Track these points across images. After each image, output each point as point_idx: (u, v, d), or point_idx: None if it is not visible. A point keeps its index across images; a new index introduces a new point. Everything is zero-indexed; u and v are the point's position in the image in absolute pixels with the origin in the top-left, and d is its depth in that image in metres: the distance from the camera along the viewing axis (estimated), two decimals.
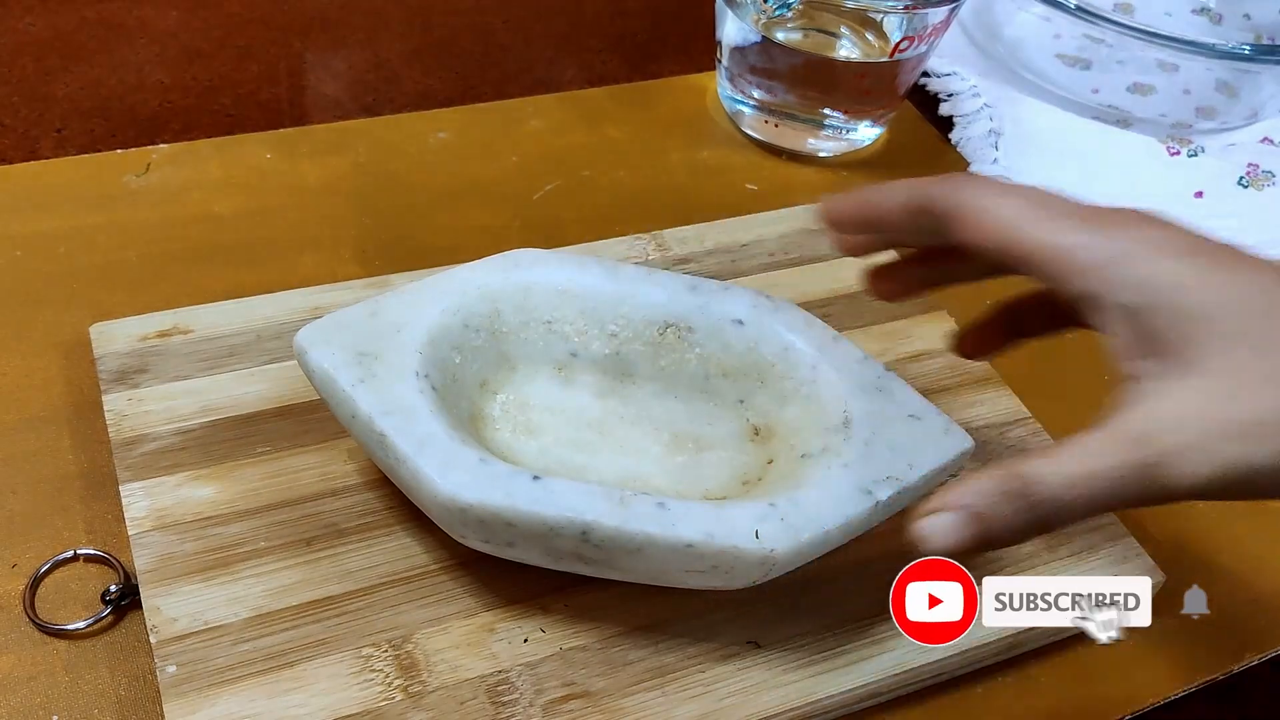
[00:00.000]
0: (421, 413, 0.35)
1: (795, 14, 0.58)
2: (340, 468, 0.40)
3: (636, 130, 0.60)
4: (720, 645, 0.37)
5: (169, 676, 0.34)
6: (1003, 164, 0.60)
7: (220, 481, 0.39)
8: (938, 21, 0.56)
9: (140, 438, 0.40)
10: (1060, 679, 0.39)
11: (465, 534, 0.35)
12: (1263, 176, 0.62)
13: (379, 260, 0.50)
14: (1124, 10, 0.70)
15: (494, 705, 0.35)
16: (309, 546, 0.38)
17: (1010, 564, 0.41)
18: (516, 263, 0.41)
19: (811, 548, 0.35)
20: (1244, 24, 0.71)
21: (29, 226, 0.49)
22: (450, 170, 0.56)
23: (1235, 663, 0.41)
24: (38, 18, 0.62)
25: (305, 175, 0.54)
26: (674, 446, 0.40)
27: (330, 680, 0.35)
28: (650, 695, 0.36)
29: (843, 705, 0.37)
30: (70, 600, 0.37)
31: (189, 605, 0.36)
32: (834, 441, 0.37)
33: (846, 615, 0.38)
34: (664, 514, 0.34)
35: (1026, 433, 0.45)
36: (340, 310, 0.39)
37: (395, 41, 0.65)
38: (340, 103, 0.60)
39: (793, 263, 0.51)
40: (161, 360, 0.42)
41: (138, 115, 0.57)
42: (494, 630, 0.37)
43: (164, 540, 0.37)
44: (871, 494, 0.36)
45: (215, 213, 0.52)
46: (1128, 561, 0.41)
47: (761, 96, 0.59)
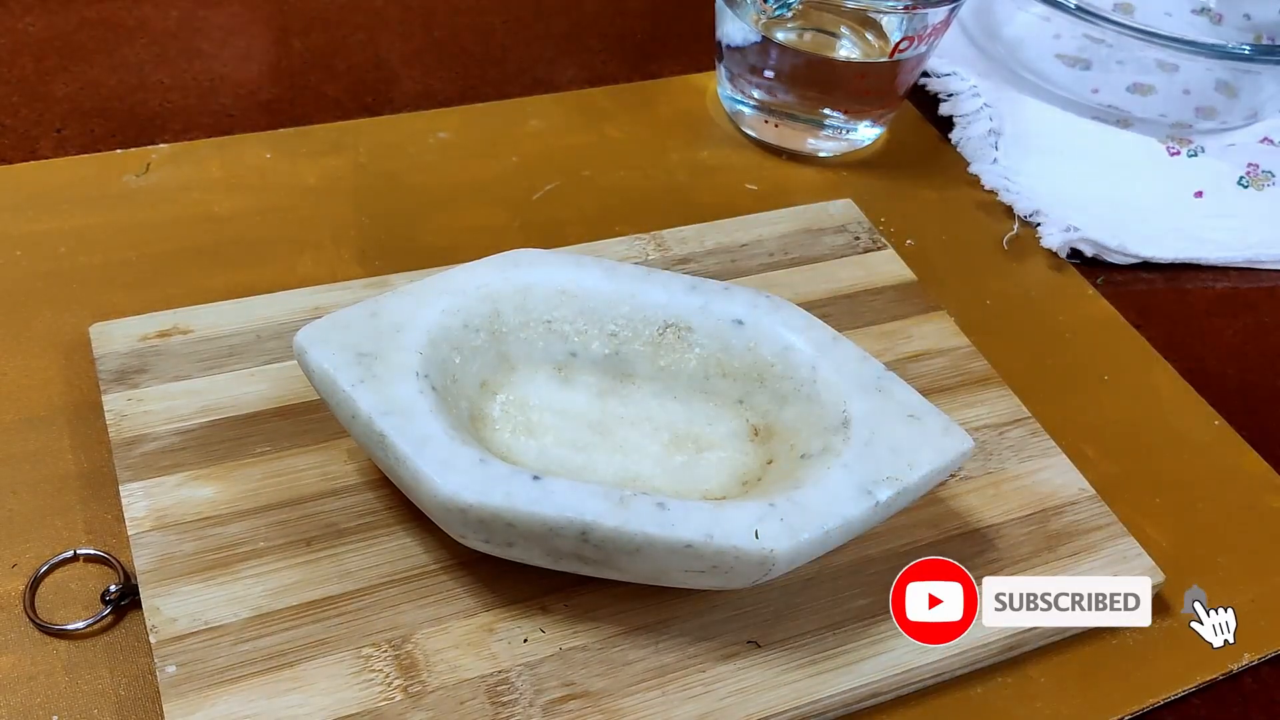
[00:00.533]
0: (421, 413, 0.35)
1: (795, 14, 0.58)
2: (340, 468, 0.40)
3: (636, 130, 0.60)
4: (720, 645, 0.37)
5: (169, 676, 0.34)
6: (1002, 164, 0.60)
7: (220, 481, 0.39)
8: (938, 21, 0.56)
9: (140, 438, 0.40)
10: (1060, 679, 0.39)
11: (465, 534, 0.35)
12: (1263, 176, 0.62)
13: (379, 260, 0.50)
14: (1124, 10, 0.70)
15: (494, 705, 0.35)
16: (309, 546, 0.38)
17: (1010, 564, 0.41)
18: (516, 263, 0.41)
19: (811, 548, 0.35)
20: (1244, 24, 0.71)
21: (29, 226, 0.49)
22: (450, 170, 0.56)
23: (1235, 663, 0.41)
24: (38, 18, 0.62)
25: (305, 175, 0.54)
26: (674, 446, 0.40)
27: (330, 680, 0.35)
28: (650, 695, 0.36)
29: (843, 705, 0.37)
30: (70, 600, 0.37)
31: (189, 605, 0.36)
32: (834, 442, 0.37)
33: (846, 615, 0.38)
34: (663, 514, 0.34)
35: (1027, 433, 0.45)
36: (340, 310, 0.39)
37: (395, 41, 0.65)
38: (340, 103, 0.60)
39: (793, 263, 0.51)
40: (161, 360, 0.42)
41: (138, 115, 0.57)
42: (494, 630, 0.37)
43: (164, 540, 0.37)
44: (871, 494, 0.36)
45: (215, 213, 0.52)
46: (1128, 561, 0.41)
47: (761, 96, 0.59)
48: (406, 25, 0.66)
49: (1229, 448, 0.48)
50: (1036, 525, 0.42)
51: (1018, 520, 0.42)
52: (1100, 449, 0.47)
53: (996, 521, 0.42)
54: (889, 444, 0.37)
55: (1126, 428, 0.48)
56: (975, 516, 0.42)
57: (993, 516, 0.42)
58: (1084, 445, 0.46)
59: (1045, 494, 0.43)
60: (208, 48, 0.62)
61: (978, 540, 0.41)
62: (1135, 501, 0.45)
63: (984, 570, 0.39)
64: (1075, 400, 0.49)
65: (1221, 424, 0.49)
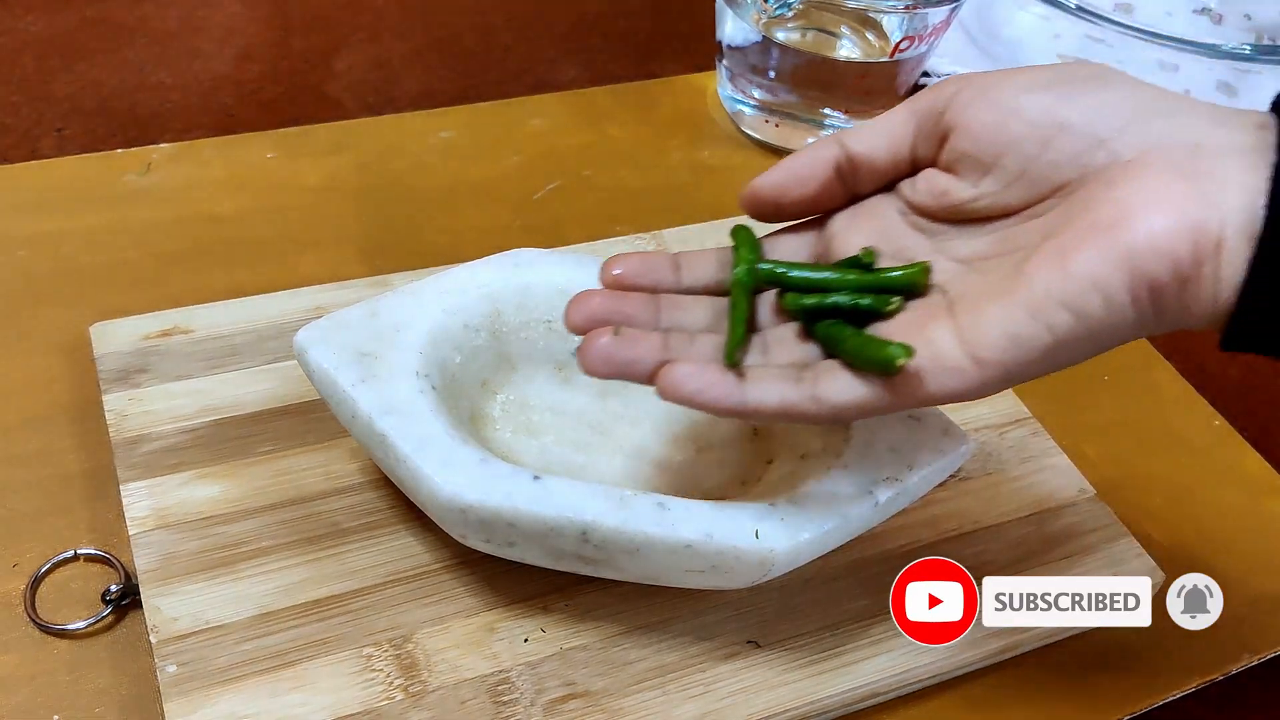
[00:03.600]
0: (421, 413, 0.36)
1: (795, 14, 0.58)
2: (342, 467, 0.40)
3: (637, 130, 0.60)
4: (720, 645, 0.37)
5: (169, 676, 0.34)
6: None
7: (222, 481, 0.39)
8: (938, 21, 0.56)
9: (141, 437, 0.40)
10: (1060, 679, 0.39)
11: (466, 534, 0.35)
12: None
13: (380, 259, 0.50)
14: (1124, 10, 0.70)
15: (494, 705, 0.35)
16: (311, 546, 0.38)
17: (1010, 564, 0.41)
18: (516, 263, 0.41)
19: (811, 548, 0.35)
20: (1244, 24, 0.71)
21: (30, 226, 0.49)
22: (451, 170, 0.56)
23: (1235, 663, 0.41)
24: (38, 17, 0.62)
25: (306, 175, 0.54)
26: (674, 446, 0.40)
27: (331, 680, 0.35)
28: (650, 695, 0.36)
29: (843, 705, 0.37)
30: (71, 600, 0.37)
31: (189, 605, 0.36)
32: (833, 442, 0.37)
33: (846, 615, 0.38)
34: (664, 514, 0.34)
35: (1027, 433, 0.45)
36: (341, 310, 0.39)
37: (395, 41, 0.65)
38: (341, 103, 0.60)
39: None
40: (162, 360, 0.42)
41: (138, 115, 0.57)
42: (494, 630, 0.37)
43: (165, 540, 0.37)
44: (871, 494, 0.36)
45: (216, 212, 0.52)
46: (1128, 561, 0.41)
47: (762, 96, 0.59)
48: (407, 25, 0.66)
49: (1229, 448, 0.48)
50: (1036, 525, 0.42)
51: (1018, 520, 0.42)
52: (1100, 449, 0.47)
53: (996, 522, 0.42)
54: (888, 444, 0.37)
55: (1126, 428, 0.48)
56: (975, 517, 0.42)
57: (993, 517, 0.42)
58: (1084, 445, 0.46)
59: (1045, 494, 0.43)
60: (208, 47, 0.62)
61: (978, 540, 0.41)
62: (1135, 501, 0.45)
63: (984, 570, 0.38)
64: (1075, 400, 0.49)
65: (1221, 424, 0.49)
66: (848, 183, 0.34)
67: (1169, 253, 0.27)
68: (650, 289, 0.34)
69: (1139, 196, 0.28)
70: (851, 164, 0.33)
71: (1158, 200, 0.28)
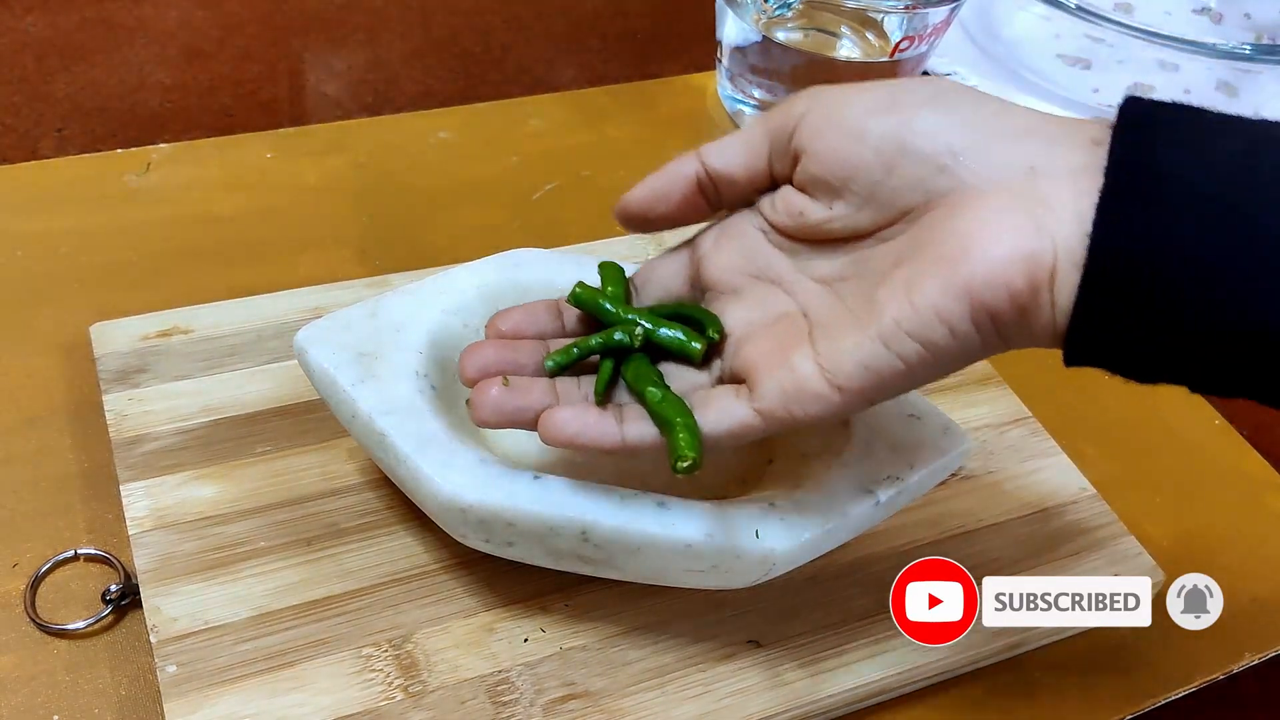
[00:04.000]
0: (421, 413, 0.35)
1: (795, 14, 0.58)
2: (341, 467, 0.40)
3: (636, 130, 0.60)
4: (720, 645, 0.37)
5: (169, 676, 0.34)
6: None
7: (221, 481, 0.39)
8: (938, 21, 0.56)
9: (141, 437, 0.40)
10: (1060, 679, 0.39)
11: (465, 533, 0.35)
12: None
13: (379, 260, 0.50)
14: (1124, 10, 0.70)
15: (494, 705, 0.35)
16: (310, 546, 0.38)
17: (1010, 564, 0.41)
18: (516, 263, 0.41)
19: (812, 547, 0.35)
20: (1244, 24, 0.71)
21: (29, 226, 0.49)
22: (450, 170, 0.56)
23: (1235, 663, 0.41)
24: (38, 17, 0.62)
25: (305, 175, 0.54)
26: None
27: (330, 680, 0.35)
28: (650, 695, 0.36)
29: (843, 705, 0.37)
30: (71, 600, 0.37)
31: (189, 605, 0.36)
32: (834, 441, 0.37)
33: (846, 615, 0.38)
34: (664, 514, 0.34)
35: (1027, 432, 0.45)
36: (340, 310, 0.39)
37: (395, 41, 0.65)
38: (340, 103, 0.60)
39: None
40: (162, 360, 0.42)
41: (138, 115, 0.57)
42: (494, 630, 0.37)
43: (164, 540, 0.37)
44: (871, 493, 0.36)
45: (215, 212, 0.52)
46: (1128, 561, 0.41)
47: (762, 96, 0.59)
48: (406, 25, 0.66)
49: (1229, 448, 0.48)
50: (1037, 525, 0.42)
51: (1018, 520, 0.42)
52: (1100, 449, 0.47)
53: (996, 521, 0.42)
54: (889, 443, 0.37)
55: (1126, 428, 0.48)
56: (975, 516, 0.42)
57: (993, 516, 0.42)
58: (1084, 445, 0.46)
59: (1045, 493, 0.43)
60: (208, 48, 0.62)
61: (978, 540, 0.41)
62: (1135, 501, 0.45)
63: (984, 570, 0.38)
64: (1075, 400, 0.49)
65: (1222, 424, 0.49)
66: (710, 197, 0.35)
67: (1006, 284, 0.28)
68: (537, 338, 0.35)
69: (977, 228, 0.29)
70: (711, 179, 0.34)
71: (994, 232, 0.28)
